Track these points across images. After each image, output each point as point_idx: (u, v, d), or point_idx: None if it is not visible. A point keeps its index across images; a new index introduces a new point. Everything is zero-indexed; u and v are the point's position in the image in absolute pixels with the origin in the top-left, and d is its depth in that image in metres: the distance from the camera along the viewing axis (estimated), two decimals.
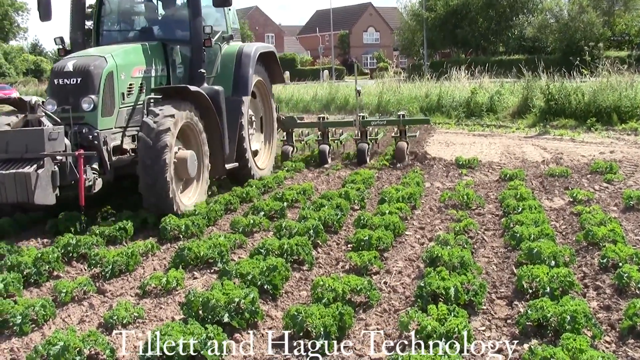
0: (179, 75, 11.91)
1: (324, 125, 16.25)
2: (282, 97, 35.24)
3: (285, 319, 5.56)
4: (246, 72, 12.67)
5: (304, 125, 17.51)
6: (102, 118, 9.83)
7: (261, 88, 13.98)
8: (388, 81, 34.52)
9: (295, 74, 65.12)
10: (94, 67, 9.83)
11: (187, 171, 10.23)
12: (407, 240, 8.75)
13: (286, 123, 16.25)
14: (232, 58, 12.74)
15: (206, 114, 11.03)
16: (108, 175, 9.76)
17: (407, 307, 6.17)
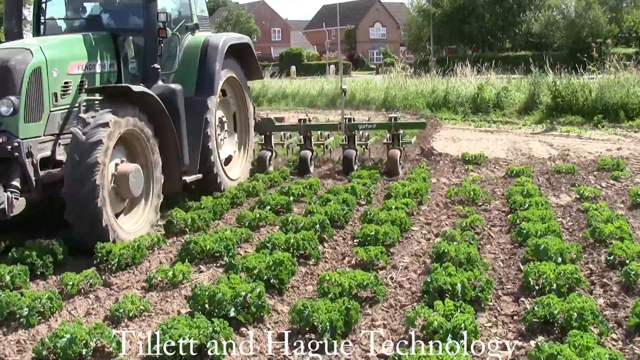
0: (132, 71, 10.16)
1: (304, 128, 14.24)
2: (288, 91, 35.22)
3: (292, 314, 5.56)
4: (212, 67, 10.81)
5: (283, 128, 14.98)
6: (25, 124, 8.05)
7: (234, 85, 12.13)
8: (395, 76, 34.45)
9: (301, 68, 65.07)
10: (14, 63, 8.06)
11: (129, 190, 8.43)
12: (413, 235, 8.74)
13: (263, 125, 14.02)
14: (196, 51, 10.85)
15: (158, 118, 9.09)
16: (34, 194, 8.01)
17: (414, 303, 6.17)
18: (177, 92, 9.79)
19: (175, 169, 9.55)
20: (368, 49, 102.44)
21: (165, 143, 9.22)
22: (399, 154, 13.54)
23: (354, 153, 13.68)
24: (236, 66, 11.98)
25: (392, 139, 13.84)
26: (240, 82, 12.19)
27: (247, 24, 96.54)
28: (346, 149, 13.83)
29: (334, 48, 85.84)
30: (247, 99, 12.50)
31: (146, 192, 8.92)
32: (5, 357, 5.22)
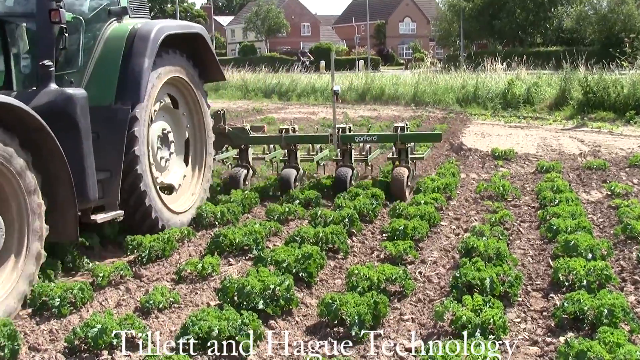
0: (24, 70, 7.74)
1: (286, 140, 11.27)
2: (317, 86, 35.19)
3: (320, 307, 5.57)
4: (139, 64, 8.05)
5: (259, 141, 11.93)
6: None
7: (183, 89, 9.22)
8: (424, 72, 34.36)
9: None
10: None
11: None
12: (442, 230, 8.73)
13: (234, 137, 11.26)
14: (119, 43, 8.10)
15: (38, 139, 6.33)
16: None
17: (442, 297, 6.16)
18: (76, 98, 7.03)
19: (69, 210, 6.69)
20: (397, 44, 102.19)
21: (53, 174, 6.53)
22: (406, 173, 10.56)
23: (349, 172, 10.83)
24: (185, 64, 9.07)
25: (399, 154, 11.05)
26: (192, 84, 9.23)
27: (276, 19, 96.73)
28: (340, 166, 11.09)
29: (363, 43, 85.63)
30: (202, 106, 9.52)
31: (15, 251, 6.08)
32: (39, 345, 5.29)
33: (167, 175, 8.98)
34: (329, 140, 11.10)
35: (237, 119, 25.21)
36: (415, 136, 12.60)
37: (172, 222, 8.51)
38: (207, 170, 9.68)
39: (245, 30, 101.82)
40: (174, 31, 8.78)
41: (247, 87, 38.64)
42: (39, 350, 5.24)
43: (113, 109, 7.85)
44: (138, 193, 7.99)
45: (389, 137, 11.51)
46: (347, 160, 11.10)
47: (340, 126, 11.19)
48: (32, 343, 5.34)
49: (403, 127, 11.00)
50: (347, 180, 10.68)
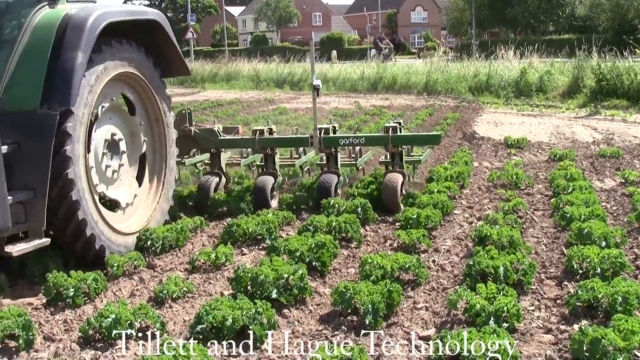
0: None
1: (260, 144, 9.61)
2: (329, 76, 35.11)
3: (334, 296, 5.57)
4: (71, 59, 6.54)
5: (230, 144, 10.14)
6: None
7: (139, 88, 7.73)
8: (436, 60, 34.26)
9: (342, 53, 64.92)
10: None
11: None
12: (455, 219, 8.71)
13: (201, 140, 9.71)
14: (48, 34, 6.61)
15: None
16: None
17: (456, 286, 6.15)
18: None
19: None
20: (409, 33, 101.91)
21: None
22: (399, 180, 9.11)
23: (334, 180, 9.28)
24: (140, 58, 7.54)
25: (392, 157, 9.59)
26: (149, 82, 7.72)
27: (287, 9, 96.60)
28: (323, 172, 9.62)
29: (374, 32, 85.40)
30: (162, 106, 7.99)
31: None
32: (54, 335, 5.32)
33: (115, 189, 7.45)
34: (309, 143, 9.55)
35: (250, 109, 25.34)
36: (410, 138, 10.51)
37: (118, 246, 7.12)
38: (166, 189, 8.09)
39: (257, 20, 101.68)
40: (118, 18, 7.18)
41: (259, 78, 38.62)
42: (54, 340, 5.27)
43: (38, 114, 6.40)
44: (76, 223, 6.58)
45: (379, 139, 9.99)
46: (332, 165, 9.63)
47: (322, 126, 9.64)
48: (47, 333, 5.37)
49: (395, 128, 9.41)
50: (330, 189, 9.12)
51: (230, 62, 46.68)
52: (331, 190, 9.15)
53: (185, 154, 9.87)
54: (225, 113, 23.71)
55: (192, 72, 43.63)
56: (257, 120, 20.99)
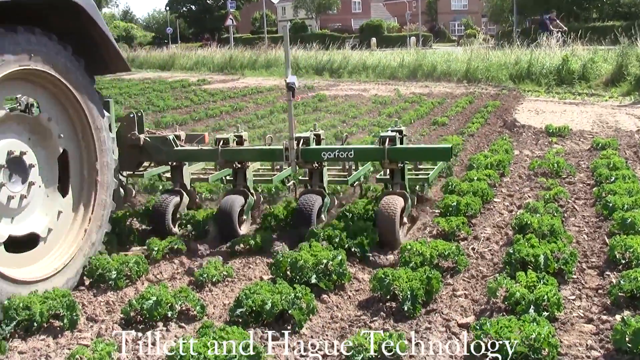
0: None
1: (224, 157, 7.75)
2: (368, 63, 35.03)
3: (373, 282, 5.58)
4: None
5: (187, 156, 8.09)
6: None
7: (51, 87, 5.92)
8: (476, 48, 34.00)
9: (381, 40, 64.71)
10: None
11: None
12: (495, 207, 8.65)
13: (153, 150, 7.87)
14: None
15: None
16: None
17: (495, 274, 6.12)
18: None
19: None
20: (449, 21, 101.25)
21: None
22: (399, 206, 7.14)
23: (317, 202, 7.48)
24: (50, 49, 5.74)
25: (391, 175, 7.64)
26: (68, 80, 5.93)
27: None
28: (304, 192, 7.82)
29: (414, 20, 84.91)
30: (88, 109, 6.17)
31: None
32: (96, 316, 5.40)
33: (23, 220, 5.68)
34: (283, 157, 7.56)
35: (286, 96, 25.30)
36: (412, 152, 8.03)
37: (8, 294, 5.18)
38: (98, 212, 6.32)
39: (296, 7, 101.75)
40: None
41: (298, 65, 38.63)
42: (97, 320, 5.36)
43: None
44: None
45: (373, 152, 7.81)
46: (315, 182, 7.82)
47: (301, 136, 7.64)
48: (90, 314, 5.46)
49: (393, 138, 7.42)
50: (311, 215, 7.31)
51: (270, 49, 46.78)
52: (312, 217, 7.28)
53: (133, 168, 8.09)
54: (264, 100, 23.78)
55: (232, 59, 44.19)
56: (296, 107, 21.02)
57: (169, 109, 21.95)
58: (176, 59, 50.73)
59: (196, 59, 48.73)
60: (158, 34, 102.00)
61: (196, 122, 18.38)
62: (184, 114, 20.22)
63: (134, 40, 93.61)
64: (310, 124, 16.23)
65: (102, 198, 6.35)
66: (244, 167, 7.86)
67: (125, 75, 40.49)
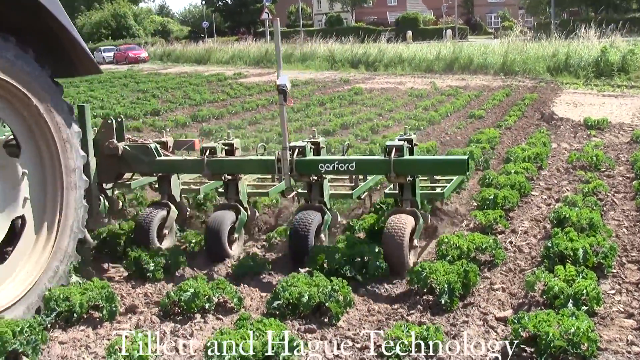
0: None
1: (211, 169, 6.84)
2: (404, 56, 34.93)
3: (410, 275, 5.56)
4: None
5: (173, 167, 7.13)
6: None
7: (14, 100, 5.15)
8: (513, 40, 33.72)
9: (417, 33, 64.41)
10: None
11: None
12: (533, 200, 8.58)
13: (133, 160, 6.99)
14: None
15: None
16: None
17: (533, 267, 6.07)
18: None
19: None
20: (485, 13, 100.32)
21: None
22: (408, 226, 6.24)
23: (314, 220, 6.50)
24: (12, 53, 5.02)
25: (400, 190, 6.68)
26: (31, 91, 5.17)
27: None
28: (302, 208, 6.84)
29: (450, 12, 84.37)
30: (50, 118, 5.34)
31: None
32: (136, 307, 5.46)
33: None
34: (275, 170, 6.70)
35: (325, 89, 25.34)
36: (421, 164, 6.68)
37: None
38: (64, 237, 5.53)
39: (331, 1, 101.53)
40: None
41: (334, 58, 38.66)
42: (135, 312, 5.42)
43: None
44: None
45: (377, 164, 6.65)
46: (314, 196, 6.83)
47: (296, 145, 6.72)
48: (129, 305, 5.52)
49: (401, 148, 6.38)
50: (307, 236, 6.36)
51: (305, 42, 46.81)
52: (309, 237, 6.37)
53: (112, 179, 7.20)
54: (300, 93, 23.81)
55: (267, 53, 44.27)
56: (333, 100, 21.03)
57: (205, 102, 22.06)
58: (212, 53, 51.02)
59: (232, 52, 48.97)
60: (194, 28, 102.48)
61: (232, 116, 18.47)
62: (220, 107, 20.32)
63: (170, 34, 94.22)
64: (347, 117, 16.28)
65: (68, 221, 5.54)
66: (235, 179, 7.01)
67: (162, 70, 40.84)
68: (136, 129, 16.52)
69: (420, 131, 14.48)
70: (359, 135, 13.76)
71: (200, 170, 6.90)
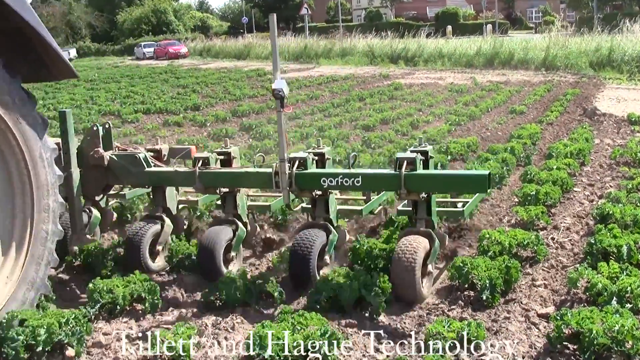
0: None
1: (203, 181, 6.20)
2: (444, 51, 34.73)
3: (451, 270, 5.54)
4: None
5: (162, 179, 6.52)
6: None
7: None
8: (555, 35, 33.35)
9: (457, 28, 63.99)
10: None
11: None
12: (575, 196, 8.49)
13: (120, 171, 6.42)
14: None
15: None
16: None
17: (576, 264, 6.01)
18: None
19: None
20: (526, 8, 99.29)
21: None
22: (420, 251, 5.44)
23: (317, 241, 5.79)
24: None
25: (414, 208, 5.92)
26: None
27: None
28: (304, 227, 6.15)
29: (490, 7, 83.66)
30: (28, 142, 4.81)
31: None
32: (177, 300, 5.53)
33: None
34: (273, 185, 5.95)
35: (364, 84, 25.31)
36: (436, 180, 5.79)
37: None
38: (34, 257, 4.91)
39: None
40: None
41: (373, 53, 38.57)
42: (177, 304, 5.47)
43: None
44: None
45: (386, 179, 5.87)
46: (319, 212, 6.16)
47: (296, 156, 6.01)
48: (170, 297, 5.58)
49: (413, 161, 5.65)
50: (309, 260, 5.67)
51: (345, 38, 46.77)
52: (310, 261, 5.67)
53: (99, 191, 6.64)
54: (340, 88, 23.80)
55: (307, 48, 44.34)
56: (372, 95, 20.99)
57: (245, 97, 22.16)
58: (251, 49, 51.21)
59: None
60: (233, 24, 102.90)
61: (272, 111, 18.50)
62: (260, 102, 20.39)
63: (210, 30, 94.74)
64: (387, 112, 16.25)
65: (39, 239, 4.95)
66: (233, 191, 6.39)
67: (201, 65, 41.08)
68: (177, 124, 16.65)
69: (460, 126, 14.40)
70: (399, 131, 13.71)
71: (192, 182, 6.24)
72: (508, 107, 17.33)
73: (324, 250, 5.84)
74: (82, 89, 28.06)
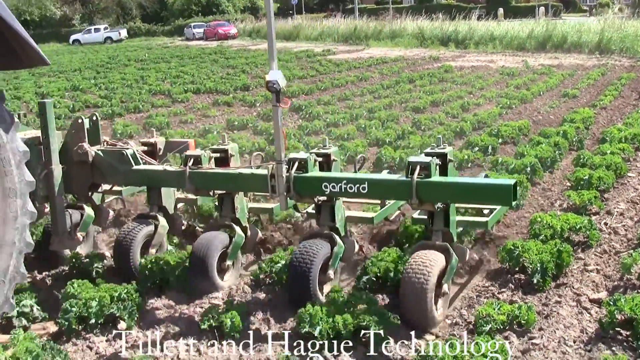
0: None
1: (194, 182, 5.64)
2: (495, 34, 34.30)
3: (501, 253, 5.49)
4: None
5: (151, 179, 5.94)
6: None
7: None
8: (610, 18, 32.76)
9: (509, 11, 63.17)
10: None
11: None
12: (629, 182, 8.34)
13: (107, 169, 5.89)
14: None
15: None
16: None
17: (629, 250, 5.91)
18: None
19: None
20: None
21: None
22: (435, 269, 4.72)
23: (320, 254, 5.08)
24: None
25: (430, 219, 5.18)
26: None
27: None
28: (306, 236, 5.51)
29: None
30: None
31: None
32: None
33: None
34: (269, 189, 5.32)
35: (414, 66, 25.13)
36: (452, 189, 4.96)
37: None
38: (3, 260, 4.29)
39: None
40: None
41: (423, 35, 38.25)
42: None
43: None
44: None
45: (395, 187, 5.14)
46: (324, 220, 5.47)
47: (295, 157, 5.36)
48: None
49: (427, 166, 4.95)
50: (308, 277, 4.96)
51: (394, 19, 46.47)
52: (310, 277, 4.97)
53: (84, 191, 6.17)
54: (390, 70, 23.68)
55: (356, 29, 44.16)
56: (422, 77, 20.85)
57: (295, 78, 22.16)
58: (301, 30, 51.12)
59: (321, 29, 48.95)
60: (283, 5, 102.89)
61: (322, 92, 18.50)
62: (309, 83, 20.38)
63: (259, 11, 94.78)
64: (437, 94, 16.13)
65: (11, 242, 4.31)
66: (230, 193, 5.87)
67: (251, 46, 41.21)
68: (227, 104, 16.75)
69: (511, 109, 14.22)
70: (449, 113, 13.61)
71: (182, 184, 5.68)
72: (560, 90, 17.07)
73: (327, 264, 5.14)
74: (133, 69, 28.36)
